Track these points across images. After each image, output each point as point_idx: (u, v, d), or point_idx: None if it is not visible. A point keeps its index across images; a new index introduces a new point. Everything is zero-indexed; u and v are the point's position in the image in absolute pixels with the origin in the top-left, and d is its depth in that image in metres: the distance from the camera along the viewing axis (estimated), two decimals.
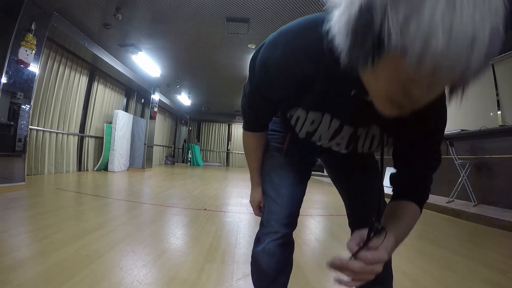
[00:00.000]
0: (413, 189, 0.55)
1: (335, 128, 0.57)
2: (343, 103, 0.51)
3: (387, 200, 0.62)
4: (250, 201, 0.83)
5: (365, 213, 0.74)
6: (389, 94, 0.35)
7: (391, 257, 0.72)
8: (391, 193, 0.58)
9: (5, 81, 2.77)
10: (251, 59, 0.56)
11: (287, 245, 0.71)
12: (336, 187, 0.87)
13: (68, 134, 4.80)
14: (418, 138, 0.53)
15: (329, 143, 0.62)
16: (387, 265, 0.74)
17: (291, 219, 0.71)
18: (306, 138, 0.62)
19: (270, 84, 0.53)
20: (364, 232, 0.44)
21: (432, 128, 0.53)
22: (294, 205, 0.72)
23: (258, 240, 0.72)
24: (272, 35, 0.51)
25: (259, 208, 0.81)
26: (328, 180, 7.04)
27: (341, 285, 0.41)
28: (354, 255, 0.41)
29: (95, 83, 5.50)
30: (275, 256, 0.69)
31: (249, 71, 0.59)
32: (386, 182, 0.84)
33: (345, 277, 0.41)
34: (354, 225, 0.79)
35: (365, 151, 0.62)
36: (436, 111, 0.50)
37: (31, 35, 2.96)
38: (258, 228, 0.74)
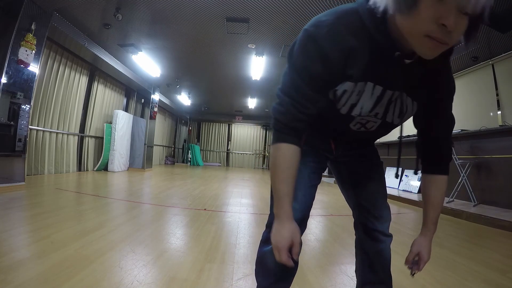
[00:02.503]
0: (438, 158, 0.69)
1: (377, 95, 0.61)
2: (386, 69, 0.57)
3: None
4: (276, 242, 0.58)
5: (373, 209, 0.78)
6: (427, 31, 0.44)
7: (390, 260, 0.80)
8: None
9: (5, 81, 2.77)
10: (289, 52, 0.62)
11: None
12: (342, 191, 0.90)
13: (68, 134, 4.80)
14: (436, 103, 0.65)
15: (369, 114, 0.65)
16: (387, 268, 0.79)
17: (302, 222, 0.72)
18: (348, 112, 0.65)
19: (320, 57, 0.55)
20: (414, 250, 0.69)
21: (445, 94, 0.66)
22: (305, 207, 0.73)
23: (266, 240, 0.72)
24: (312, 21, 0.56)
25: (290, 250, 0.59)
26: (328, 180, 7.05)
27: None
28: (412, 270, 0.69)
29: (95, 83, 5.50)
30: None
31: (288, 63, 0.62)
32: (388, 183, 0.87)
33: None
34: (359, 222, 0.82)
35: (395, 122, 0.68)
36: (446, 81, 0.64)
37: (31, 35, 2.96)
38: (261, 227, 0.74)
